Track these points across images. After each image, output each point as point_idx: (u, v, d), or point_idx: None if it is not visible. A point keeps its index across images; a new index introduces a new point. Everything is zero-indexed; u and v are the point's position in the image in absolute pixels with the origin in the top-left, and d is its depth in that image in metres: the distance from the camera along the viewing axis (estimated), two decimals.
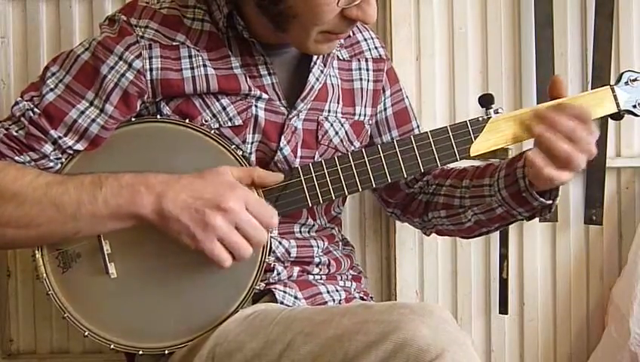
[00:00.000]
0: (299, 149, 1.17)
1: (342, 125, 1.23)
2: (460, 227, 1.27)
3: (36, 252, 1.07)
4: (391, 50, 1.60)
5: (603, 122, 1.61)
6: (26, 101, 1.08)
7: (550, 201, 1.15)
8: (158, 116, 1.11)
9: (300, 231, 1.21)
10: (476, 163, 1.31)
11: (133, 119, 1.11)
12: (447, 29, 1.67)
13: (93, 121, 1.08)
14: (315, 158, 1.19)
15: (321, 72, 1.20)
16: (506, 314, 1.64)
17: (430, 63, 1.66)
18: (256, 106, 1.14)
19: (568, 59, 1.66)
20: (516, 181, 1.14)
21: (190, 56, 1.11)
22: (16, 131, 1.06)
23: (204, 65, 1.11)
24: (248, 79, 1.13)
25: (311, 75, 1.18)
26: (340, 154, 1.21)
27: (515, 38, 1.67)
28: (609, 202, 1.66)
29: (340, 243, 1.31)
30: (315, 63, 1.19)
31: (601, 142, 1.63)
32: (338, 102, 1.23)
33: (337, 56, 1.26)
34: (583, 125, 1.07)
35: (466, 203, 1.23)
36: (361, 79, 1.28)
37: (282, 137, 1.15)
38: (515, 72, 1.67)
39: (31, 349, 1.67)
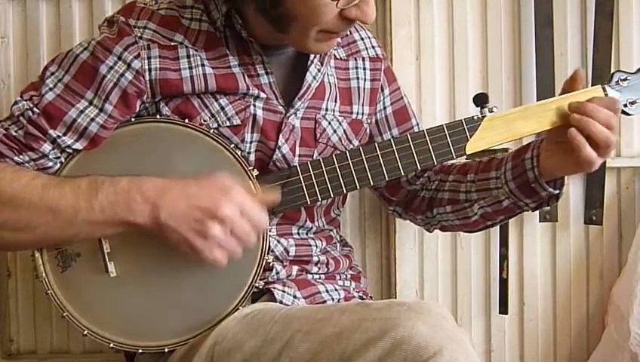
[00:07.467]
0: (297, 148, 1.17)
1: (340, 123, 1.23)
2: (466, 221, 1.28)
3: (35, 251, 1.07)
4: (391, 50, 1.60)
5: None
6: (26, 101, 1.08)
7: (557, 191, 1.17)
8: (158, 116, 1.12)
9: (299, 233, 1.21)
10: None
11: (132, 119, 1.11)
12: (447, 29, 1.67)
13: (93, 120, 1.08)
14: (314, 157, 1.19)
15: (318, 70, 1.20)
16: (506, 314, 1.64)
17: (430, 63, 1.66)
18: (254, 105, 1.14)
19: (568, 59, 1.66)
20: (524, 172, 1.16)
21: (188, 56, 1.11)
22: (16, 131, 1.07)
23: (202, 65, 1.11)
24: (246, 78, 1.13)
25: (308, 73, 1.19)
26: (339, 152, 1.21)
27: (515, 38, 1.67)
28: (609, 202, 1.66)
29: (338, 244, 1.31)
30: (312, 62, 1.19)
31: None
32: (336, 101, 1.23)
33: (334, 55, 1.26)
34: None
35: (473, 197, 1.24)
36: (357, 78, 1.28)
37: (280, 136, 1.15)
38: (515, 72, 1.67)
39: (31, 349, 1.67)
